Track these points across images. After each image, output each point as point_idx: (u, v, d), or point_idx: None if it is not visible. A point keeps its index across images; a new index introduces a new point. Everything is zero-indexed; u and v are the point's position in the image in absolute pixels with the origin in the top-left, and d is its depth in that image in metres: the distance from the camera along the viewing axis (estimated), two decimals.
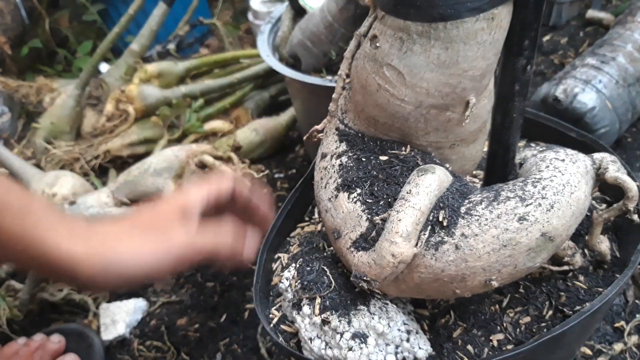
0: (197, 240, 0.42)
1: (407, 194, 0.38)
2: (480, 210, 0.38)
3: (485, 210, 0.38)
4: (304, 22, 0.84)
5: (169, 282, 0.76)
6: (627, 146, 0.79)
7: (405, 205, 0.37)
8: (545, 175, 0.40)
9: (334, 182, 0.42)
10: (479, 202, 0.38)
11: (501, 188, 0.40)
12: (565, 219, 0.39)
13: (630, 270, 0.42)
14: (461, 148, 0.43)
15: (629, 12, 0.82)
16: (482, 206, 0.38)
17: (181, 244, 0.42)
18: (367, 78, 0.39)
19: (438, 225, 0.38)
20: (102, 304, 0.73)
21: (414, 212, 0.37)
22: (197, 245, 0.43)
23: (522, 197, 0.38)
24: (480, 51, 0.35)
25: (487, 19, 0.33)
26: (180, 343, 0.67)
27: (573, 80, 0.73)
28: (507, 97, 0.38)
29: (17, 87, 1.15)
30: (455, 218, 0.38)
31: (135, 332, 0.70)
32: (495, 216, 0.37)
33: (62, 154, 0.93)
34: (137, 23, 1.09)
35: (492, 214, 0.37)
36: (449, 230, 0.38)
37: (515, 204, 0.38)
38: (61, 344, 0.66)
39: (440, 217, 0.38)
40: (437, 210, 0.38)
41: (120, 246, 0.40)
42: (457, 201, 0.39)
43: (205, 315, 0.70)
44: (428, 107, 0.38)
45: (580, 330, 0.45)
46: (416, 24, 0.34)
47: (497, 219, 0.37)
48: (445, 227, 0.38)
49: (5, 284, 0.73)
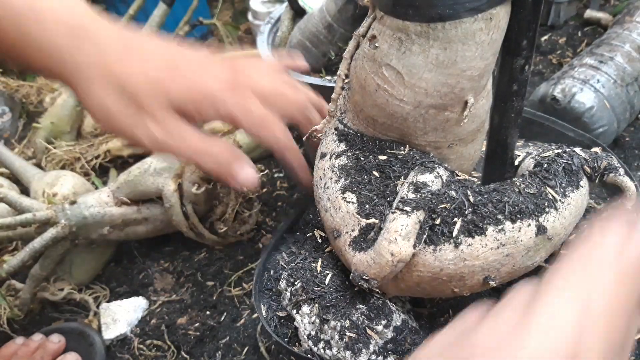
0: (169, 142, 0.41)
1: (406, 192, 0.38)
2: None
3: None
4: (303, 22, 0.84)
5: (169, 281, 0.76)
6: (625, 145, 0.79)
7: (404, 204, 0.38)
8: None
9: (333, 181, 0.43)
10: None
11: (499, 186, 0.40)
12: (563, 218, 0.39)
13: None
14: (459, 148, 0.43)
15: (627, 12, 0.83)
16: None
17: (146, 139, 0.41)
18: (366, 78, 0.39)
19: (437, 224, 0.38)
20: (102, 303, 0.73)
21: (413, 211, 0.37)
22: (166, 147, 0.41)
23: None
24: (478, 51, 0.35)
25: (485, 19, 0.33)
26: (180, 342, 0.67)
27: (571, 79, 0.73)
28: (505, 97, 0.38)
29: (17, 87, 1.16)
30: (454, 217, 0.38)
31: (135, 331, 0.70)
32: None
33: (63, 154, 0.93)
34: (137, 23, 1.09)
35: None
36: (447, 229, 0.38)
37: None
38: (61, 343, 0.66)
39: (440, 216, 0.38)
40: (436, 209, 0.38)
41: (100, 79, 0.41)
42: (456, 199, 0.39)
43: (205, 314, 0.70)
44: (427, 107, 0.38)
45: None
46: (415, 24, 0.34)
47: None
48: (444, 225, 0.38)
49: (5, 283, 0.74)
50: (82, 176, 0.86)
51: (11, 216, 0.70)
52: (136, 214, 0.73)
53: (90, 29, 0.42)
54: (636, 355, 0.55)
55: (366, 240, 0.40)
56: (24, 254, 0.67)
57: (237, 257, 0.76)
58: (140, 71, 0.43)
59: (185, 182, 0.71)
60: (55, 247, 0.70)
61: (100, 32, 0.43)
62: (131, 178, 0.72)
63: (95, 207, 0.71)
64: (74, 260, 0.75)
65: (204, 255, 0.78)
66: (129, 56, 0.43)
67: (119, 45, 0.43)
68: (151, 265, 0.78)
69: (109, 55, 0.42)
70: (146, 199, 0.74)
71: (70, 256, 0.74)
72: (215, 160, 0.44)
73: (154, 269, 0.78)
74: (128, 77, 0.42)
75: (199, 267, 0.76)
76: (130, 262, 0.80)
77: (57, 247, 0.70)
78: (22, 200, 0.71)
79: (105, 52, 0.42)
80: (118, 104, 0.42)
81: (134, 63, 0.43)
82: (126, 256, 0.81)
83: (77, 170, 0.91)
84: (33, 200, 0.74)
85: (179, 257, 0.79)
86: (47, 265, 0.70)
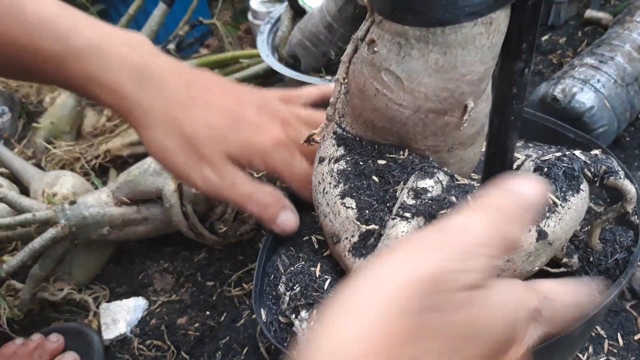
0: (222, 187, 0.46)
1: (406, 198, 0.38)
2: None
3: None
4: (303, 22, 0.84)
5: (169, 281, 0.76)
6: (625, 146, 0.79)
7: (404, 210, 0.37)
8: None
9: (332, 186, 0.42)
10: None
11: None
12: (564, 223, 0.39)
13: (628, 273, 0.42)
14: (459, 151, 0.43)
15: (628, 12, 0.83)
16: None
17: (200, 182, 0.45)
18: (364, 82, 0.39)
19: None
20: (102, 303, 0.73)
21: (413, 218, 0.37)
22: (218, 191, 0.46)
23: None
24: (478, 56, 0.35)
25: (485, 23, 0.33)
26: (180, 342, 0.67)
27: (571, 79, 0.73)
28: (504, 101, 0.38)
29: (17, 87, 1.16)
30: None
31: (135, 331, 0.70)
32: None
33: (63, 154, 0.93)
34: (137, 23, 1.09)
35: None
36: None
37: None
38: (60, 342, 0.66)
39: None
40: (436, 215, 0.38)
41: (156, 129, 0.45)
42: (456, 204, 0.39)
43: (205, 314, 0.70)
44: (426, 111, 0.38)
45: (579, 334, 0.45)
46: (414, 29, 0.34)
47: None
48: None
49: (5, 283, 0.74)
50: (81, 176, 0.86)
51: (11, 216, 0.70)
52: (136, 214, 0.73)
53: (153, 68, 0.45)
54: (636, 355, 0.55)
55: (366, 246, 0.39)
56: (24, 254, 0.67)
57: (237, 257, 0.76)
58: (202, 122, 0.46)
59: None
60: (55, 247, 0.70)
61: (163, 74, 0.46)
62: (131, 178, 0.72)
63: (95, 207, 0.71)
64: (73, 260, 0.75)
65: (204, 255, 0.78)
66: (192, 104, 0.47)
67: (182, 90, 0.47)
68: (151, 265, 0.78)
69: (172, 101, 0.46)
70: (146, 199, 0.74)
71: (70, 256, 0.74)
72: (261, 207, 0.49)
73: (154, 269, 0.78)
74: (190, 125, 0.46)
75: (199, 267, 0.76)
76: (130, 262, 0.80)
77: (57, 247, 0.70)
78: (21, 200, 0.71)
79: (169, 98, 0.46)
80: (178, 147, 0.46)
81: (196, 112, 0.47)
82: (126, 256, 0.81)
83: (77, 170, 0.91)
84: (33, 200, 0.74)
85: (178, 257, 0.79)
86: (46, 265, 0.70)
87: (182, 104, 0.46)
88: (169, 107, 0.46)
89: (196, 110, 0.47)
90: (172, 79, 0.47)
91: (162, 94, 0.46)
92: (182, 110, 0.46)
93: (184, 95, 0.47)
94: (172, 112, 0.46)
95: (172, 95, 0.46)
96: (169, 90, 0.46)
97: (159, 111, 0.45)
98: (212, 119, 0.47)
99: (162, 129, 0.46)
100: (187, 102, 0.47)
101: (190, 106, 0.46)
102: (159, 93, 0.45)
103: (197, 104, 0.47)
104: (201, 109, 0.47)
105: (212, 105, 0.48)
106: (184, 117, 0.46)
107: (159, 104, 0.45)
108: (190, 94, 0.47)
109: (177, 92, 0.46)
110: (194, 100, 0.47)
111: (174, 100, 0.46)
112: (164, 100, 0.46)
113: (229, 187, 0.48)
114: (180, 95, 0.47)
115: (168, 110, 0.46)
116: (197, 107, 0.47)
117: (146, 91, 0.45)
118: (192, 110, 0.46)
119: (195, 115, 0.46)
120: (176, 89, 0.47)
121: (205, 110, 0.47)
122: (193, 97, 0.47)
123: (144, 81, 0.45)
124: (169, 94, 0.46)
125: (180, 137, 0.46)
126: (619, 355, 0.55)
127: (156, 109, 0.45)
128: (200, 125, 0.46)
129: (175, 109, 0.46)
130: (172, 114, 0.46)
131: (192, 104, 0.47)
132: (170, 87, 0.46)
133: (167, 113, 0.46)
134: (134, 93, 0.45)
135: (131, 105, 0.45)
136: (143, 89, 0.45)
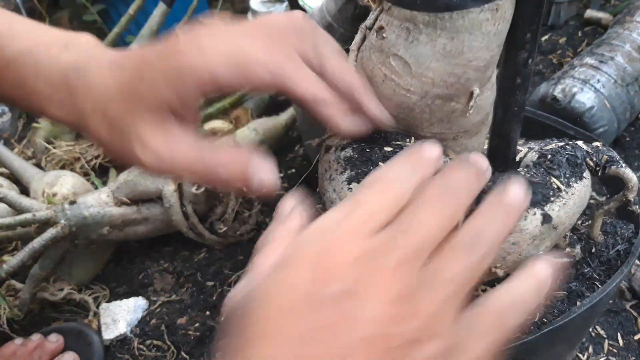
0: (157, 163, 0.35)
1: None
2: None
3: None
4: None
5: (168, 281, 0.76)
6: (625, 145, 0.79)
7: None
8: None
9: (339, 173, 0.42)
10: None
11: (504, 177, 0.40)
12: (568, 208, 0.39)
13: (630, 263, 0.42)
14: (464, 140, 0.43)
15: (628, 12, 0.83)
16: None
17: (142, 165, 0.36)
18: (373, 69, 0.39)
19: None
20: (102, 303, 0.73)
21: None
22: (161, 170, 0.35)
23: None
24: (484, 42, 0.35)
25: (491, 9, 0.34)
26: (180, 342, 0.67)
27: (571, 79, 0.73)
28: (508, 91, 0.38)
29: None
30: None
31: (135, 331, 0.70)
32: None
33: (63, 154, 0.93)
34: (137, 23, 1.09)
35: None
36: None
37: None
38: (59, 342, 0.66)
39: None
40: None
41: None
42: None
43: (205, 314, 0.70)
44: (433, 97, 0.38)
45: (582, 322, 0.45)
46: (422, 14, 0.35)
47: None
48: None
49: (5, 283, 0.74)
50: (81, 176, 0.86)
51: (11, 216, 0.70)
52: (136, 214, 0.73)
53: (92, 65, 0.38)
54: (636, 355, 0.55)
55: None
56: (24, 254, 0.67)
57: (237, 257, 0.76)
58: (114, 96, 0.38)
59: (185, 182, 0.71)
60: (54, 247, 0.70)
61: (101, 71, 0.38)
62: (131, 178, 0.72)
63: (94, 207, 0.71)
64: (73, 260, 0.75)
65: (204, 255, 0.78)
66: (120, 89, 0.38)
67: (116, 80, 0.38)
68: (151, 265, 0.78)
69: (103, 97, 0.38)
70: (146, 199, 0.74)
71: (70, 256, 0.74)
72: (221, 175, 0.37)
73: (154, 269, 0.78)
74: (111, 108, 0.38)
75: (199, 267, 0.76)
76: (130, 262, 0.80)
77: (57, 247, 0.70)
78: (21, 200, 0.71)
79: (100, 93, 0.38)
80: (107, 133, 0.38)
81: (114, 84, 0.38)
82: (126, 256, 0.81)
83: (76, 170, 0.91)
84: (33, 200, 0.74)
85: (178, 257, 0.79)
86: (46, 265, 0.70)
87: (112, 94, 0.37)
88: (100, 101, 0.37)
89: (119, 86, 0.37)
90: (106, 73, 0.38)
91: (93, 91, 0.38)
92: (109, 98, 0.37)
93: (113, 84, 0.37)
94: (100, 102, 0.37)
95: (102, 89, 0.37)
96: (100, 86, 0.38)
97: (90, 109, 0.38)
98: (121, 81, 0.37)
99: (93, 121, 0.37)
100: (115, 89, 0.37)
101: (118, 91, 0.37)
102: (88, 90, 0.38)
103: (124, 89, 0.37)
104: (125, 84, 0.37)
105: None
106: (107, 100, 0.37)
107: (90, 100, 0.38)
108: (123, 80, 0.37)
109: (108, 82, 0.38)
110: (122, 85, 0.37)
111: (104, 96, 0.37)
112: (94, 97, 0.37)
113: (169, 163, 0.36)
114: (110, 86, 0.37)
115: (98, 103, 0.37)
116: (122, 88, 0.37)
117: (76, 90, 0.38)
118: (117, 94, 0.37)
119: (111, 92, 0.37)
120: (110, 79, 0.38)
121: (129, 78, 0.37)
122: (121, 83, 0.37)
123: (79, 79, 0.38)
124: (100, 89, 0.38)
125: (106, 122, 0.37)
126: (619, 355, 0.55)
127: (88, 107, 0.38)
128: (115, 100, 0.37)
129: (104, 98, 0.37)
130: (102, 104, 0.37)
131: (120, 89, 0.37)
132: (101, 80, 0.38)
133: (96, 105, 0.37)
134: (66, 97, 0.38)
135: (67, 110, 0.38)
136: (74, 89, 0.38)
